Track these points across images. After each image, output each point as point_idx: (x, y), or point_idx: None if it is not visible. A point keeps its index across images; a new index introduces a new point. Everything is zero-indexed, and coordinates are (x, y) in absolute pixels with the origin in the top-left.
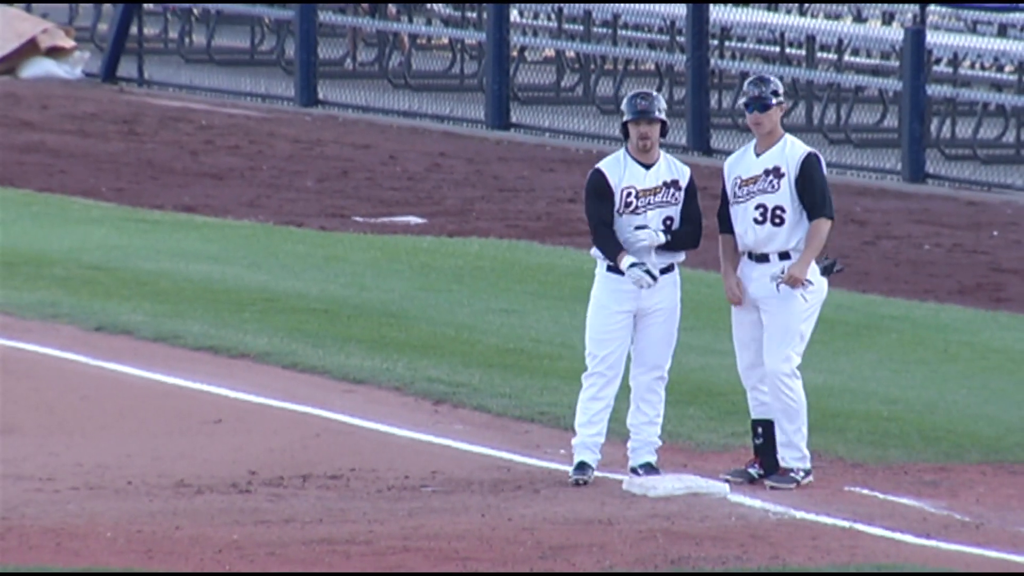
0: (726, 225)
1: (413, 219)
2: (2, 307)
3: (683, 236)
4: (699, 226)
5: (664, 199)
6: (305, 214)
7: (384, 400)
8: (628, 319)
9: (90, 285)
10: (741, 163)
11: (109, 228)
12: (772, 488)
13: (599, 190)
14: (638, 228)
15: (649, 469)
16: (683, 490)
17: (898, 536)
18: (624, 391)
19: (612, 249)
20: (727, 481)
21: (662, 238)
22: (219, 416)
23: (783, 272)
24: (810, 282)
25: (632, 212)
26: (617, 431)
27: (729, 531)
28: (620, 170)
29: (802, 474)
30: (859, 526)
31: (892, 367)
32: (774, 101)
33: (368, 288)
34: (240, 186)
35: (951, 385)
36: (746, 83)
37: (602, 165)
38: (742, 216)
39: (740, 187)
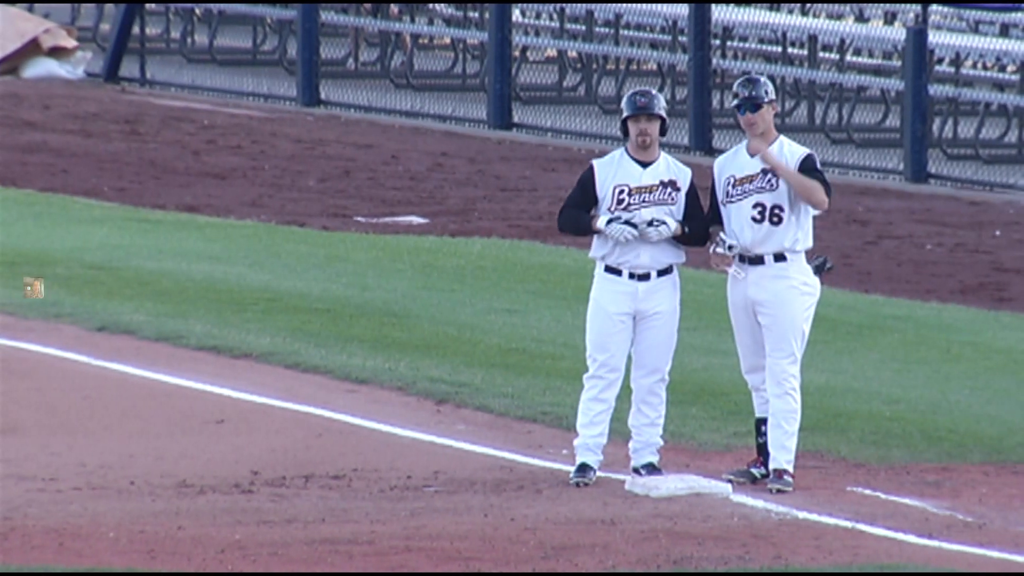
0: (716, 220)
1: (415, 219)
2: (4, 307)
3: (690, 233)
4: (704, 224)
5: (660, 198)
6: (307, 214)
7: (386, 400)
8: (627, 322)
9: (92, 285)
10: (734, 162)
11: (111, 228)
12: (776, 492)
13: (583, 183)
14: (651, 225)
15: (651, 469)
16: (686, 490)
17: (900, 536)
18: (626, 391)
19: (581, 219)
20: (730, 481)
21: (678, 229)
22: (221, 416)
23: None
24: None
25: (625, 210)
26: (619, 431)
27: (732, 531)
28: (612, 168)
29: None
30: (861, 526)
31: (894, 367)
32: (766, 100)
33: (370, 288)
34: (242, 186)
35: (954, 385)
36: (736, 84)
37: (596, 161)
38: (736, 215)
39: (734, 186)
